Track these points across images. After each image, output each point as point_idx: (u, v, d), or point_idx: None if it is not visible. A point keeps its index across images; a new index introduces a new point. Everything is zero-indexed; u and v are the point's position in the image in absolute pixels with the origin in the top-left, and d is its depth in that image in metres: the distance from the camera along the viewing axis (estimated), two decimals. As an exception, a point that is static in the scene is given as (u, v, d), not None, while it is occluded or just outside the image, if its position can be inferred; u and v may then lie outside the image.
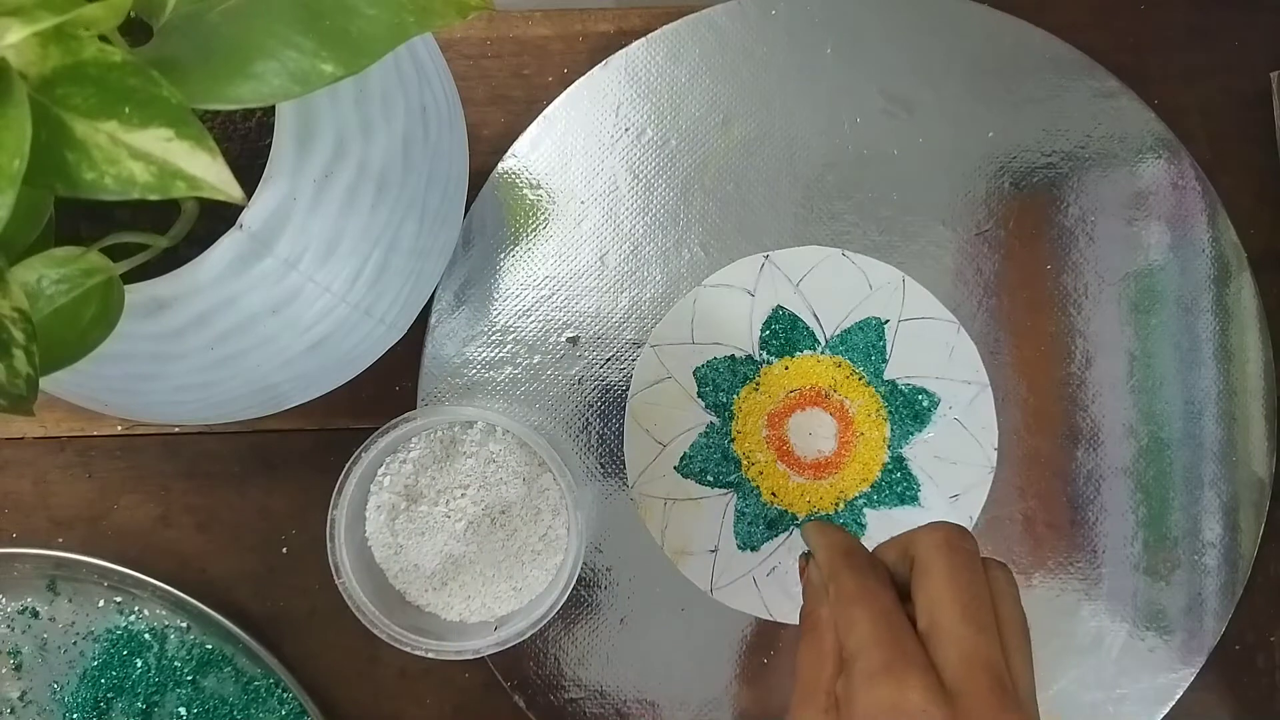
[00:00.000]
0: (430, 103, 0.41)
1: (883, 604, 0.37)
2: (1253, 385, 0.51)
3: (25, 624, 0.51)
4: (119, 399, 0.42)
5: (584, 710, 0.50)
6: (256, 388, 0.41)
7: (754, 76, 0.52)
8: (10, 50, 0.26)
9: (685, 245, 0.51)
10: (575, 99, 0.52)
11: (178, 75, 0.28)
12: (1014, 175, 0.52)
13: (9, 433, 0.52)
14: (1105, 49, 0.52)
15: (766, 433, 0.51)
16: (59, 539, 0.52)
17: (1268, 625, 0.52)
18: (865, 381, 0.51)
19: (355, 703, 0.51)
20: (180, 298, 0.36)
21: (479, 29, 0.53)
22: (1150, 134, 0.52)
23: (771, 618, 0.50)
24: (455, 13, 0.31)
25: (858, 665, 0.36)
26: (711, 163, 0.52)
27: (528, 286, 0.51)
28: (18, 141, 0.26)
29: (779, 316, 0.51)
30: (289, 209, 0.36)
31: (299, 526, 0.52)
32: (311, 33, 0.29)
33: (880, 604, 0.37)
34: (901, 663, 0.35)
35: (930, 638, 0.36)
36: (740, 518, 0.51)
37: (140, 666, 0.50)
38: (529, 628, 0.44)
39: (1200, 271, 0.51)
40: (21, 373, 0.29)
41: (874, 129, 0.52)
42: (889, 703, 0.34)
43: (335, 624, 0.50)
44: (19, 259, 0.31)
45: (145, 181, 0.27)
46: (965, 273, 0.51)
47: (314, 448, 0.52)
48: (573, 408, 0.51)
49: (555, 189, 0.52)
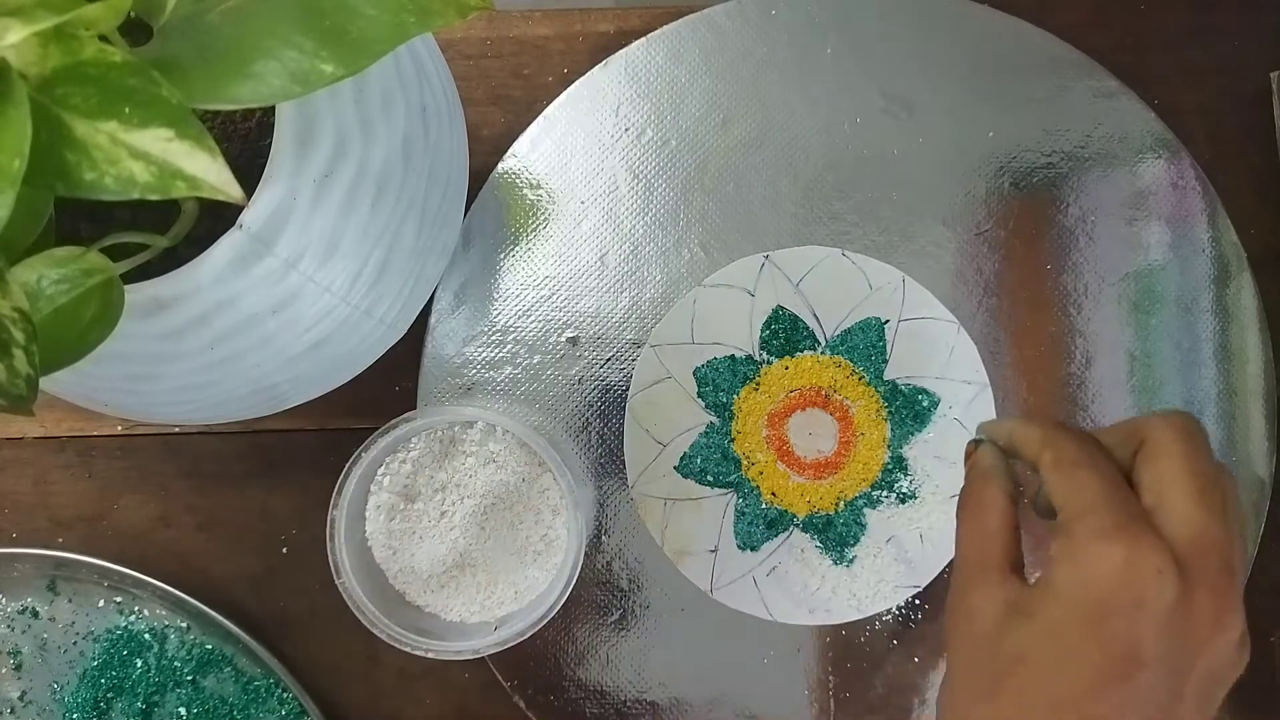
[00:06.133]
0: (430, 103, 0.41)
1: (1108, 471, 0.36)
2: (1253, 385, 0.51)
3: (25, 624, 0.51)
4: (119, 399, 0.42)
5: (584, 710, 0.50)
6: (256, 388, 0.41)
7: (754, 76, 0.52)
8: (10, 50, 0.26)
9: (685, 245, 0.51)
10: (575, 99, 0.52)
11: (178, 75, 0.28)
12: (1014, 175, 0.52)
13: (9, 433, 0.52)
14: (1105, 49, 0.52)
15: (766, 433, 0.51)
16: (59, 539, 0.52)
17: (1268, 625, 0.52)
18: (865, 382, 0.51)
19: (355, 703, 0.51)
20: (180, 298, 0.36)
21: (479, 29, 0.53)
22: (1150, 134, 0.52)
23: (771, 618, 0.50)
24: (455, 13, 0.31)
25: (1084, 523, 0.35)
26: (711, 163, 0.52)
27: (528, 286, 0.51)
28: (18, 141, 0.26)
29: (779, 316, 0.51)
30: (289, 209, 0.36)
31: (299, 526, 0.52)
32: (311, 33, 0.29)
33: (1106, 470, 0.36)
34: (1137, 525, 0.34)
35: (1157, 514, 0.35)
36: (740, 518, 0.51)
37: (140, 666, 0.50)
38: (529, 628, 0.44)
39: (1200, 271, 0.51)
40: (21, 373, 0.29)
41: (874, 129, 0.52)
42: (1122, 560, 0.34)
43: (335, 624, 0.50)
44: (19, 259, 0.31)
45: (145, 181, 0.27)
46: (965, 273, 0.51)
47: (314, 448, 0.52)
48: (573, 408, 0.51)
49: (555, 189, 0.52)
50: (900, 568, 0.51)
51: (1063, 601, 0.35)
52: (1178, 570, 0.34)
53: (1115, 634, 0.34)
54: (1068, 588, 0.35)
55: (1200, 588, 0.34)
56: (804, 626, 0.51)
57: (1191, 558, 0.34)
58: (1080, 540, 0.35)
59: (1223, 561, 0.35)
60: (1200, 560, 0.34)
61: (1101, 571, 0.34)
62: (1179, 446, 0.36)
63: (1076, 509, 0.36)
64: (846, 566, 0.51)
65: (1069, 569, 0.35)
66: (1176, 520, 0.35)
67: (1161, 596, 0.34)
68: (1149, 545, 0.34)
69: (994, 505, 0.38)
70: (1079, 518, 0.35)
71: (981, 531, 0.38)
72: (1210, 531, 0.35)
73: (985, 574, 0.37)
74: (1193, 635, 0.34)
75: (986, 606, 0.37)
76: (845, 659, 0.50)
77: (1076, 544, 0.35)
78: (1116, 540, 0.34)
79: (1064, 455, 0.37)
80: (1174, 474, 0.36)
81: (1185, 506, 0.35)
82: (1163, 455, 0.36)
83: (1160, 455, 0.36)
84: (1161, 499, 0.36)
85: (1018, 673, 0.35)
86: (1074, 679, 0.34)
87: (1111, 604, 0.34)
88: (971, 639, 0.37)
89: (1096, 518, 0.35)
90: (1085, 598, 0.34)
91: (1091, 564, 0.34)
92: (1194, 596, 0.34)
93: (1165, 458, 0.36)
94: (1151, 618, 0.34)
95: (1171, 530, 0.35)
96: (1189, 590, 0.34)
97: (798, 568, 0.51)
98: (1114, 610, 0.34)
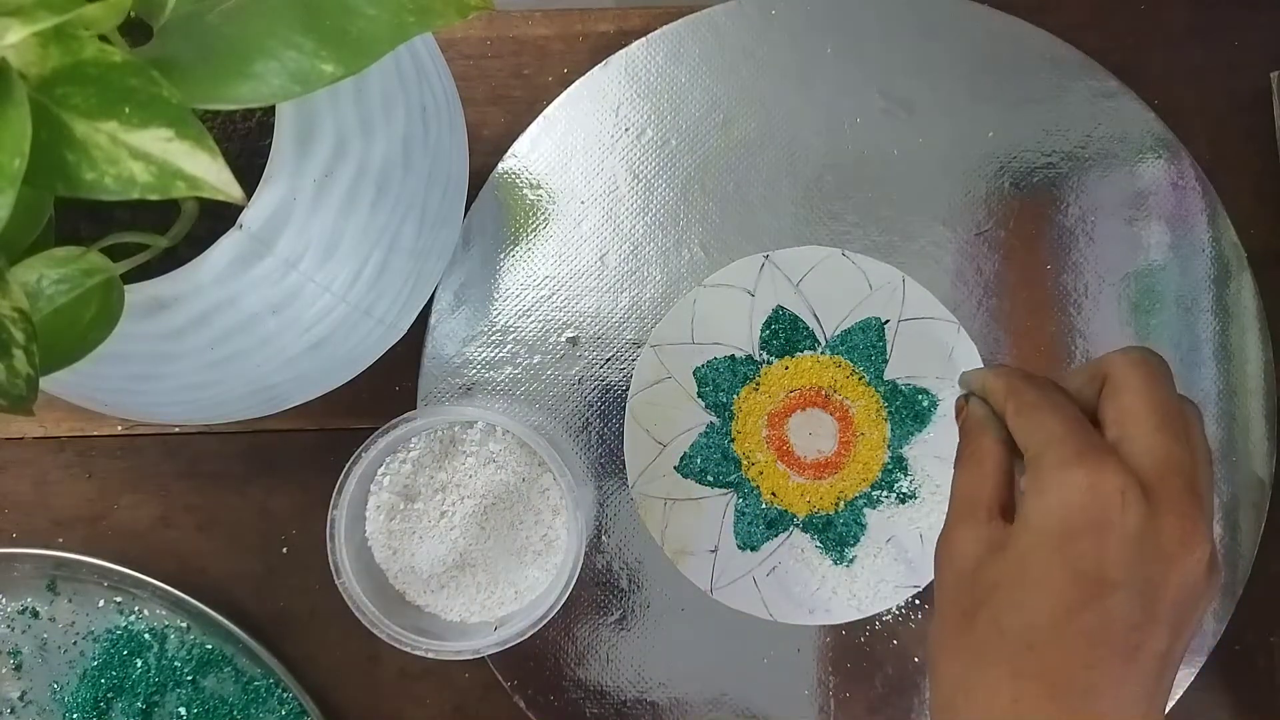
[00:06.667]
0: (430, 103, 0.41)
1: (1070, 410, 0.37)
2: (1253, 385, 0.51)
3: (25, 624, 0.51)
4: (119, 399, 0.42)
5: (584, 710, 0.50)
6: (256, 388, 0.41)
7: (754, 76, 0.52)
8: (10, 50, 0.26)
9: (685, 245, 0.51)
10: (575, 99, 0.52)
11: (178, 75, 0.28)
12: (1014, 175, 0.52)
13: (9, 433, 0.52)
14: (1105, 49, 0.52)
15: (766, 433, 0.51)
16: (59, 539, 0.52)
17: (1268, 625, 0.52)
18: (865, 382, 0.51)
19: (355, 703, 0.51)
20: (180, 298, 0.36)
21: (479, 29, 0.53)
22: (1150, 134, 0.52)
23: (771, 618, 0.50)
24: (455, 13, 0.31)
25: (1047, 458, 0.35)
26: (711, 163, 0.52)
27: (528, 286, 0.51)
28: (18, 141, 0.26)
29: (779, 316, 0.51)
30: (289, 209, 0.36)
31: (299, 526, 0.52)
32: (311, 33, 0.29)
33: (1068, 410, 0.37)
34: (1097, 452, 0.35)
35: (1121, 446, 0.36)
36: (740, 518, 0.51)
37: (140, 666, 0.50)
38: (529, 628, 0.44)
39: (1200, 271, 0.51)
40: (21, 373, 0.29)
41: (874, 129, 0.52)
42: (1085, 484, 0.34)
43: (335, 624, 0.50)
44: (19, 259, 0.31)
45: (145, 181, 0.27)
46: (965, 273, 0.51)
47: (314, 448, 0.52)
48: (573, 408, 0.51)
49: (555, 189, 0.52)
50: (900, 568, 0.51)
51: (1030, 530, 0.35)
52: (1141, 492, 0.34)
53: (1082, 556, 0.34)
54: (1034, 517, 0.35)
55: (1166, 510, 0.34)
56: (804, 626, 0.51)
57: (1155, 481, 0.35)
58: (1044, 472, 0.35)
59: (1187, 483, 0.35)
60: (1164, 483, 0.35)
61: (1064, 497, 0.35)
62: (1139, 381, 0.37)
63: (1039, 445, 0.36)
64: (846, 566, 0.51)
65: (1035, 500, 0.35)
66: (1140, 449, 0.35)
67: (1126, 517, 0.34)
68: (1111, 469, 0.34)
69: (989, 451, 0.39)
70: (1041, 454, 0.36)
71: (974, 474, 0.39)
72: (1173, 456, 0.35)
73: (972, 514, 0.38)
74: (1160, 556, 0.34)
75: (969, 546, 0.37)
76: (845, 659, 0.50)
77: (1042, 476, 0.35)
78: (1077, 466, 0.35)
79: (1025, 400, 0.38)
80: (1135, 407, 0.36)
81: (1147, 435, 0.35)
82: (1123, 390, 0.37)
83: (1121, 390, 0.37)
84: (1124, 430, 0.36)
85: (991, 602, 0.36)
86: (1044, 603, 0.35)
87: (1076, 527, 0.34)
88: (954, 575, 0.38)
89: (1057, 450, 0.35)
90: (1051, 524, 0.35)
91: (1054, 491, 0.35)
92: (1160, 518, 0.34)
93: (1126, 392, 0.37)
94: (1117, 538, 0.34)
95: (1136, 460, 0.35)
96: (1154, 513, 0.34)
97: (798, 568, 0.51)
98: (1079, 533, 0.34)
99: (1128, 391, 0.37)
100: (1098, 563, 0.34)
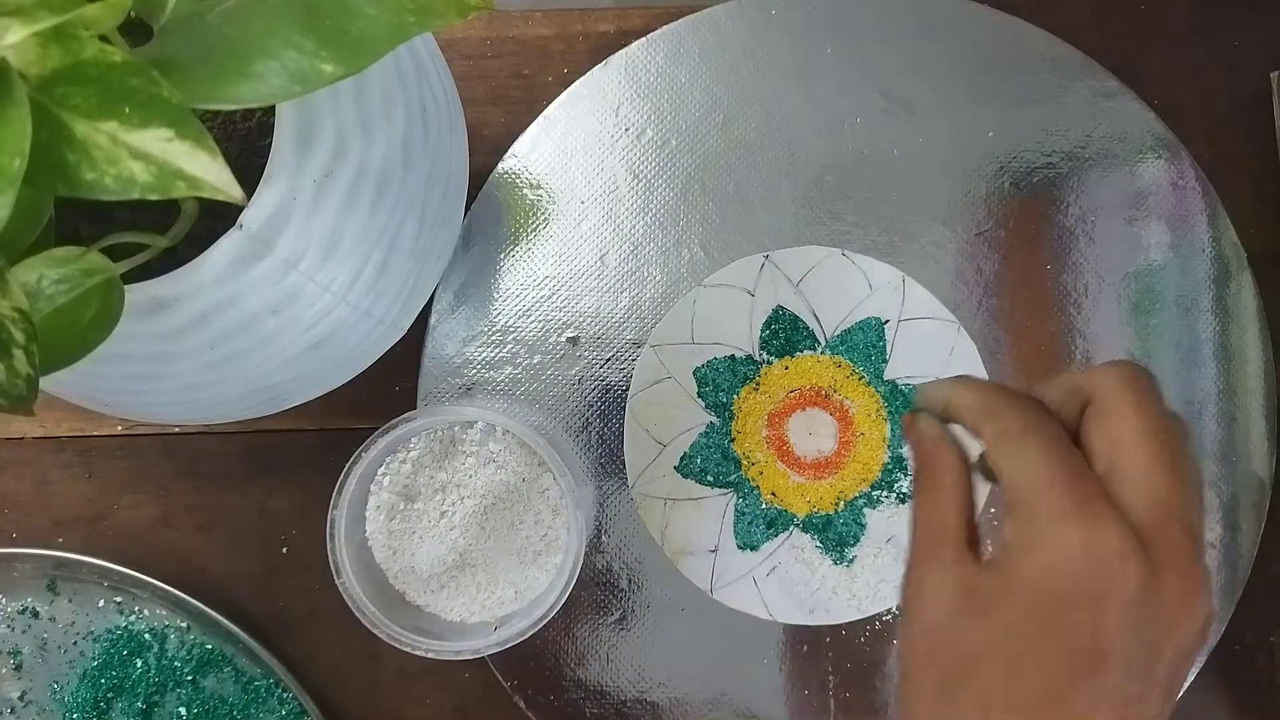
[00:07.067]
0: (430, 103, 0.41)
1: (1058, 441, 0.33)
2: (1253, 385, 0.51)
3: (25, 624, 0.51)
4: (119, 399, 0.42)
5: (584, 710, 0.50)
6: (256, 388, 0.41)
7: (754, 76, 0.52)
8: (10, 50, 0.26)
9: (685, 245, 0.51)
10: (575, 99, 0.52)
11: (178, 75, 0.28)
12: (1014, 175, 0.52)
13: (9, 433, 0.52)
14: (1105, 49, 0.52)
15: (766, 433, 0.51)
16: (59, 539, 0.52)
17: (1268, 625, 0.52)
18: (865, 381, 0.51)
19: (355, 703, 0.51)
20: (180, 298, 0.36)
21: (479, 29, 0.53)
22: (1150, 134, 0.52)
23: (771, 618, 0.50)
24: (455, 13, 0.31)
25: (1039, 505, 0.32)
26: (711, 163, 0.52)
27: (528, 286, 0.51)
28: (18, 141, 0.26)
29: (779, 316, 0.51)
30: (289, 209, 0.36)
31: (299, 526, 0.52)
32: (311, 33, 0.29)
33: (1056, 441, 0.33)
34: (1094, 503, 0.32)
35: (1112, 480, 0.33)
36: (740, 517, 0.51)
37: (140, 666, 0.50)
38: (529, 628, 0.44)
39: (1200, 271, 0.51)
40: (21, 373, 0.29)
41: (874, 129, 0.52)
42: (1081, 546, 0.31)
43: (335, 624, 0.50)
44: (19, 259, 0.31)
45: (145, 181, 0.27)
46: (965, 273, 0.51)
47: (314, 448, 0.52)
48: (573, 408, 0.51)
49: (555, 189, 0.52)
50: (900, 568, 0.50)
51: (1019, 594, 0.32)
52: (1140, 553, 0.32)
53: (1078, 628, 0.32)
54: (1024, 579, 0.32)
55: (1166, 566, 0.32)
56: (804, 626, 0.51)
57: (1153, 531, 0.32)
58: (1034, 524, 0.32)
59: (1184, 528, 0.32)
60: (1162, 532, 0.32)
61: (1059, 560, 0.32)
62: (1129, 404, 0.33)
63: (1027, 488, 0.33)
64: (846, 566, 0.51)
65: (1024, 558, 0.32)
66: (1134, 485, 0.33)
67: (1126, 584, 0.31)
68: (1108, 527, 0.32)
69: (949, 471, 0.35)
70: (1033, 498, 0.33)
71: (935, 502, 0.35)
72: (1172, 499, 0.32)
73: (938, 551, 0.34)
74: (1159, 620, 0.32)
75: (940, 592, 0.34)
76: (845, 659, 0.50)
77: (1031, 528, 0.32)
78: (1073, 523, 0.32)
79: (1009, 426, 0.34)
80: (1126, 434, 0.33)
81: (1142, 470, 0.33)
82: (1111, 413, 0.34)
83: (1108, 413, 0.34)
84: (1115, 462, 0.33)
85: (974, 677, 0.33)
86: (1035, 683, 0.32)
87: (1072, 596, 0.32)
88: (926, 630, 0.34)
89: (1049, 499, 0.32)
90: (1044, 590, 0.32)
91: (1048, 552, 0.32)
92: (1160, 576, 0.32)
93: (1114, 415, 0.34)
94: (1117, 608, 0.32)
95: (1129, 499, 0.32)
96: (1154, 573, 0.32)
97: (798, 568, 0.51)
98: (1075, 603, 0.32)
99: (1116, 415, 0.34)
100: (1094, 636, 0.32)
